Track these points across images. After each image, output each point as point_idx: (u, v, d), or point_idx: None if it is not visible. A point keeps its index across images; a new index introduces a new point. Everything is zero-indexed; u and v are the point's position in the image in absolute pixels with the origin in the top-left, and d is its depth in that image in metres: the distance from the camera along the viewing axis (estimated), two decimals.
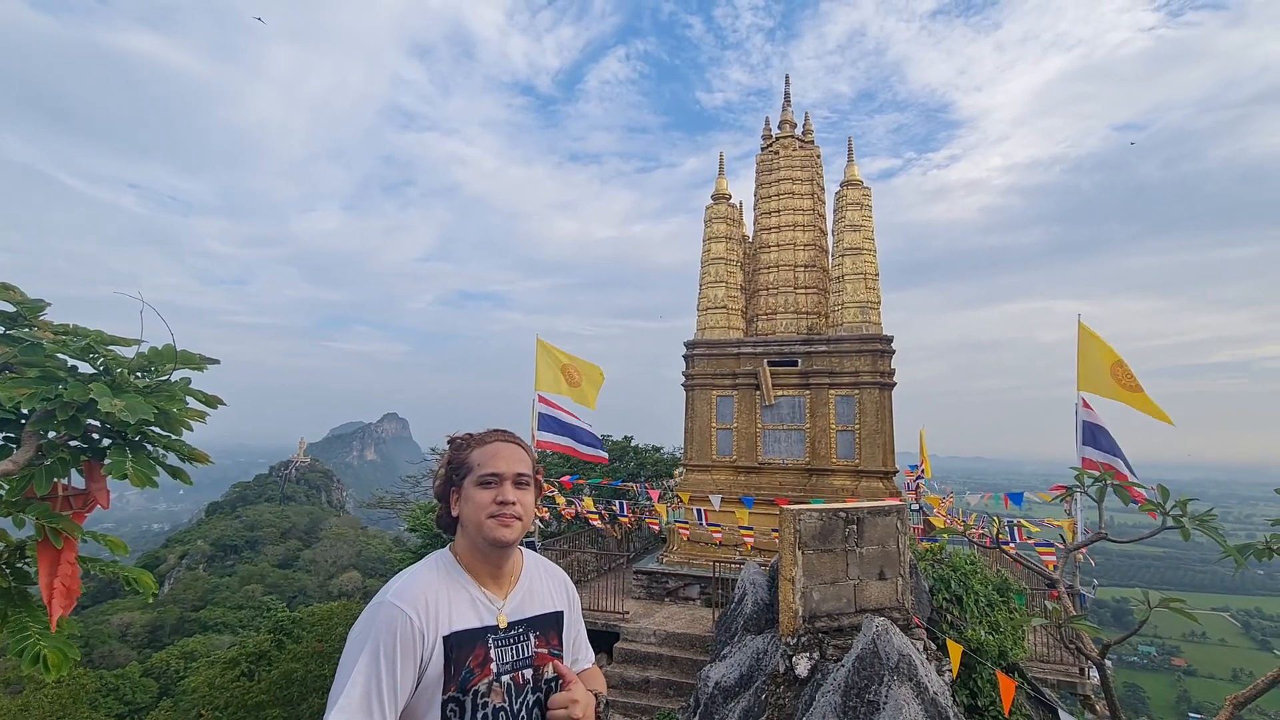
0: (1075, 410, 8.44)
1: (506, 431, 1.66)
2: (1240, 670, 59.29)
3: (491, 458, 1.55)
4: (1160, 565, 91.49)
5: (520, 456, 1.59)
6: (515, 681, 1.49)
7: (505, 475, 1.53)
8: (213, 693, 17.53)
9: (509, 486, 1.53)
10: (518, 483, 1.55)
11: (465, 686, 1.41)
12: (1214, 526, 4.26)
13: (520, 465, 1.57)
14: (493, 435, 1.63)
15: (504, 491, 1.52)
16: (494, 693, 1.45)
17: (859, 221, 12.68)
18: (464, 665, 1.42)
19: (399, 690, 1.36)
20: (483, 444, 1.59)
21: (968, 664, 5.32)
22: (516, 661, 1.50)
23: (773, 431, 12.61)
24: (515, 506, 1.52)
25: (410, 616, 1.40)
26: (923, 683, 3.81)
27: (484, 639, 1.47)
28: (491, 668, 1.45)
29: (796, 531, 4.83)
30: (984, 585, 6.20)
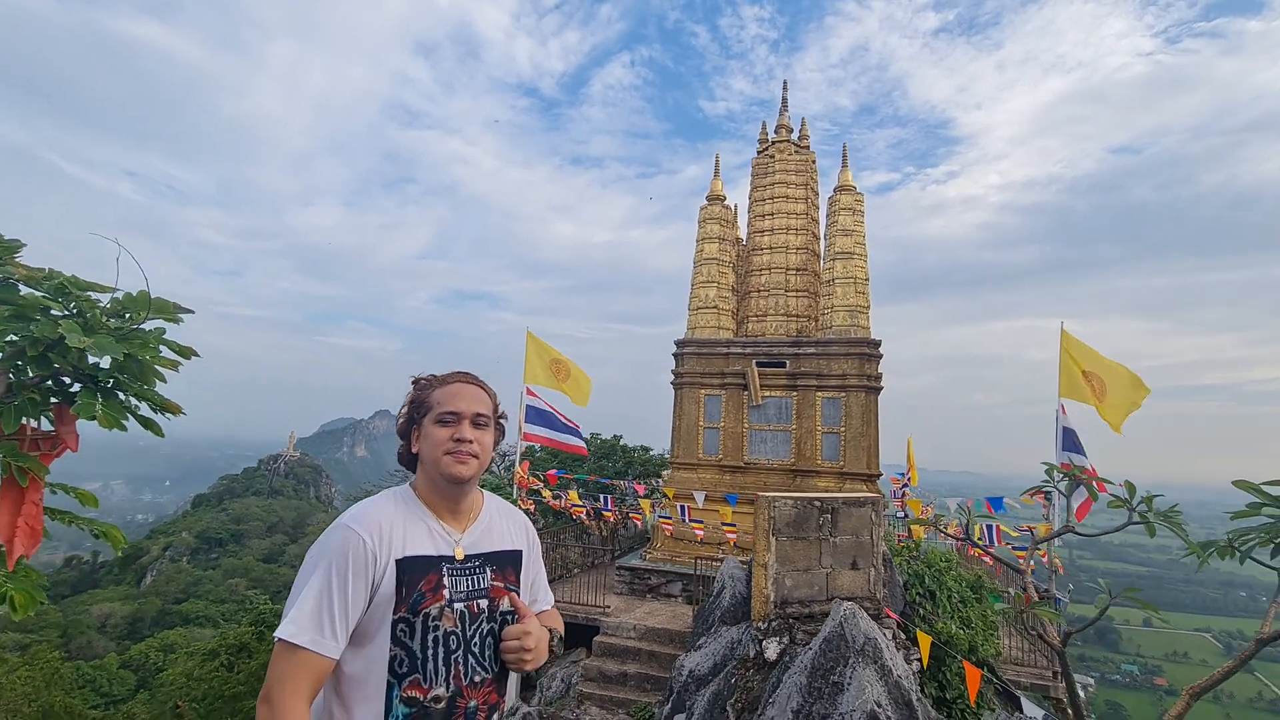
0: (1056, 416, 8.54)
1: (468, 373, 1.71)
2: (1220, 691, 59.53)
3: (451, 397, 1.59)
4: (1144, 583, 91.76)
5: (481, 397, 1.64)
6: (470, 610, 1.53)
7: (464, 414, 1.58)
8: (190, 684, 17.34)
9: (467, 425, 1.57)
10: (476, 422, 1.60)
11: (416, 608, 1.46)
12: (1178, 524, 4.33)
13: (479, 405, 1.62)
14: (454, 376, 1.67)
15: (461, 430, 1.56)
16: (445, 617, 1.49)
17: (851, 226, 12.79)
18: (416, 589, 1.47)
19: (350, 607, 1.41)
20: (444, 384, 1.64)
21: (938, 657, 5.37)
22: (471, 591, 1.55)
23: (759, 432, 12.66)
24: (472, 445, 1.57)
25: (364, 538, 1.45)
26: (887, 666, 3.86)
27: (438, 567, 1.52)
28: (444, 594, 1.49)
29: (771, 519, 4.88)
30: (957, 582, 6.26)
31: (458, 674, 1.47)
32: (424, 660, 1.45)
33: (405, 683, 1.43)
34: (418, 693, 1.43)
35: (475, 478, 1.60)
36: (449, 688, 1.46)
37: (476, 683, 1.50)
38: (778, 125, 14.37)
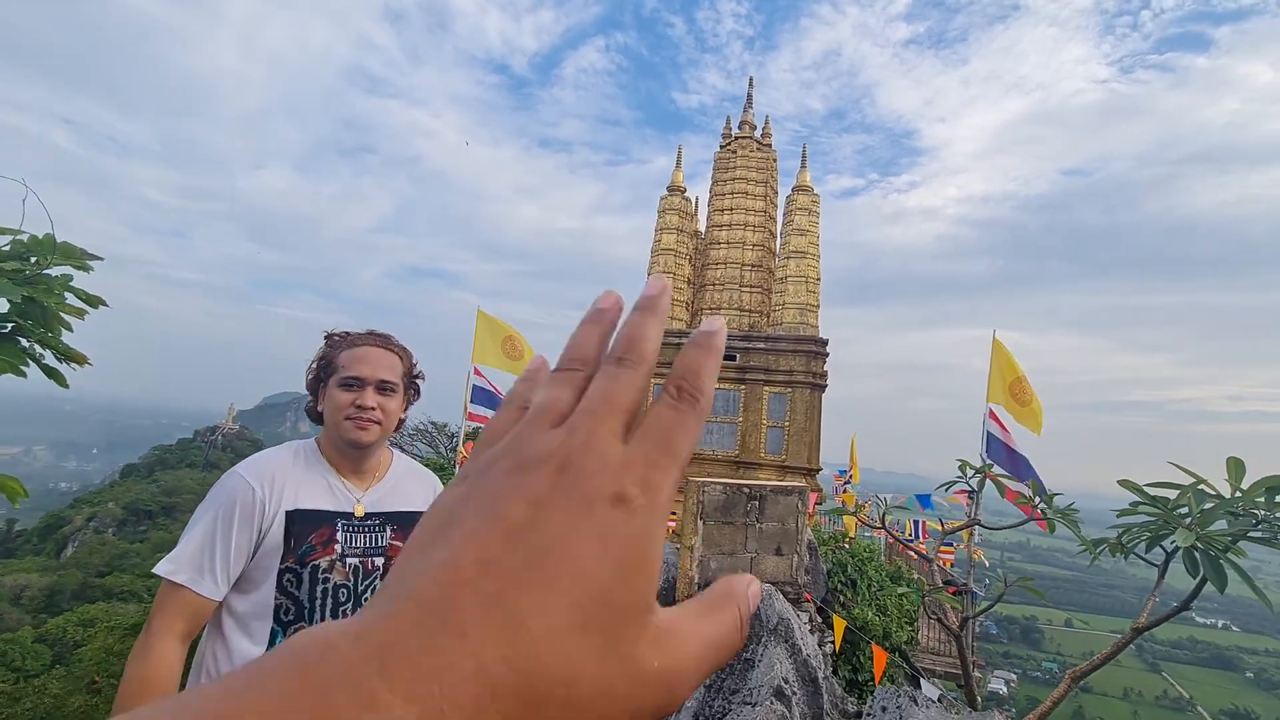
0: (983, 420, 8.95)
1: (379, 334, 1.69)
2: (1131, 689, 63.52)
3: (357, 361, 1.57)
4: (1068, 586, 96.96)
5: (388, 362, 1.61)
6: (364, 565, 1.54)
7: (368, 380, 1.56)
8: (109, 659, 16.71)
9: (370, 392, 1.56)
10: (381, 388, 1.58)
11: (303, 560, 1.47)
12: (1074, 521, 4.63)
13: (385, 371, 1.59)
14: (363, 338, 1.65)
15: (364, 396, 1.55)
16: (336, 570, 1.50)
17: (806, 226, 13.06)
18: (305, 541, 1.48)
19: (232, 553, 1.43)
20: (352, 345, 1.61)
21: (853, 641, 5.61)
22: (368, 548, 1.55)
23: (706, 424, 12.86)
24: (374, 411, 1.56)
25: (253, 487, 1.47)
26: (798, 645, 4.02)
27: (332, 521, 1.53)
28: (336, 548, 1.50)
29: (700, 502, 5.01)
30: (878, 572, 6.54)
31: None
32: (310, 610, 1.46)
33: (289, 630, 1.45)
34: None
35: (378, 442, 1.61)
36: None
37: None
38: (741, 121, 14.52)
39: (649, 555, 0.22)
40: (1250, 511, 3.29)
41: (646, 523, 0.22)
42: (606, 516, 0.21)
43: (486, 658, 0.19)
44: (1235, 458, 3.40)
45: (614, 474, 0.22)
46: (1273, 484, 3.21)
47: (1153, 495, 3.64)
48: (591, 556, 0.21)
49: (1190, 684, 66.04)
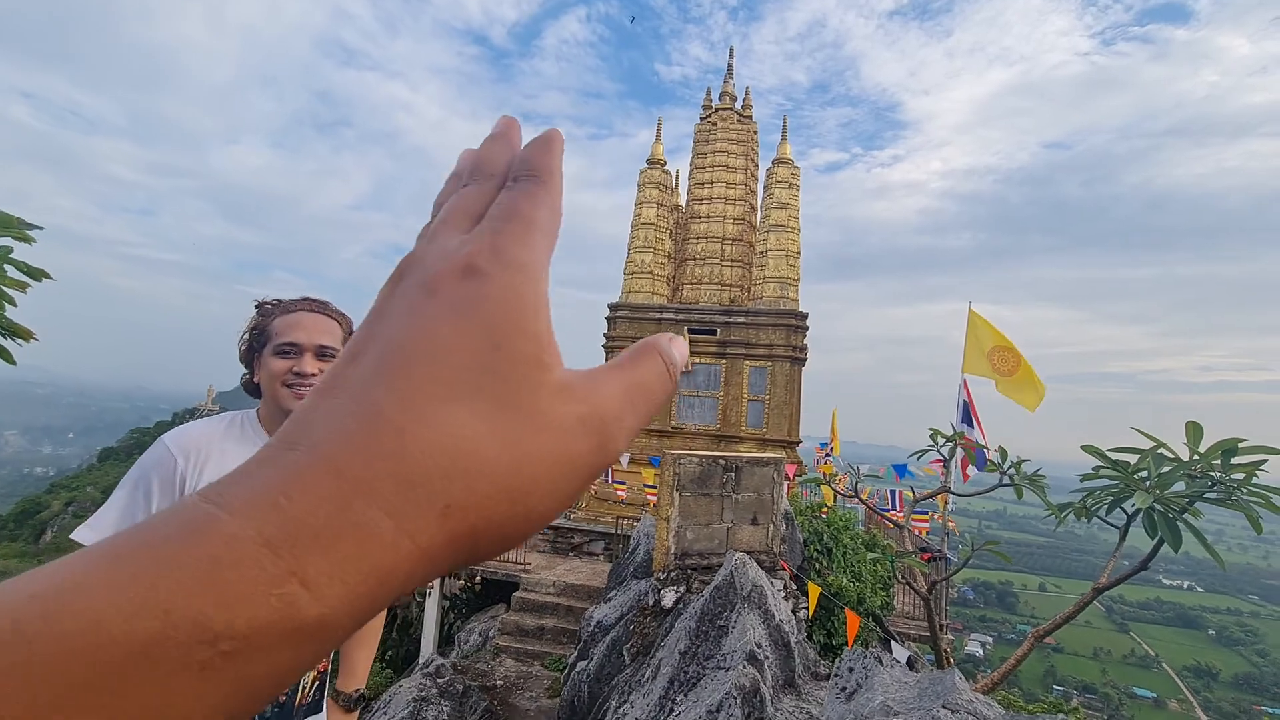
0: (957, 391, 9.08)
1: (316, 300, 1.62)
2: (1100, 649, 65.96)
3: (291, 327, 1.51)
4: (1042, 554, 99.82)
5: (325, 327, 1.55)
6: None
7: (305, 346, 1.50)
8: None
9: (309, 358, 1.50)
10: (320, 354, 1.52)
11: None
12: (1041, 487, 4.73)
13: (324, 337, 1.53)
14: (298, 303, 1.58)
15: (302, 363, 1.49)
16: None
17: (786, 200, 13.01)
18: None
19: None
20: (286, 312, 1.55)
21: (828, 607, 5.74)
22: None
23: (688, 398, 12.92)
24: (314, 378, 1.50)
25: (176, 459, 1.43)
26: (771, 611, 4.10)
27: None
28: None
29: (676, 474, 5.04)
30: (853, 540, 6.67)
31: None
32: None
33: None
34: None
35: None
36: None
37: None
38: (722, 92, 14.34)
39: (523, 316, 0.21)
40: (1206, 474, 3.38)
41: (508, 286, 0.22)
42: (455, 292, 0.21)
43: (362, 468, 0.18)
44: (1194, 422, 3.48)
45: (454, 257, 0.22)
46: (1228, 446, 3.29)
47: (1114, 460, 3.73)
48: (449, 332, 0.20)
49: (1156, 642, 68.73)
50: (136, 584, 0.15)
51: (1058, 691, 49.39)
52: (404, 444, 0.18)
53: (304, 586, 0.16)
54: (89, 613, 0.15)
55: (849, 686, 2.96)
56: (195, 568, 0.16)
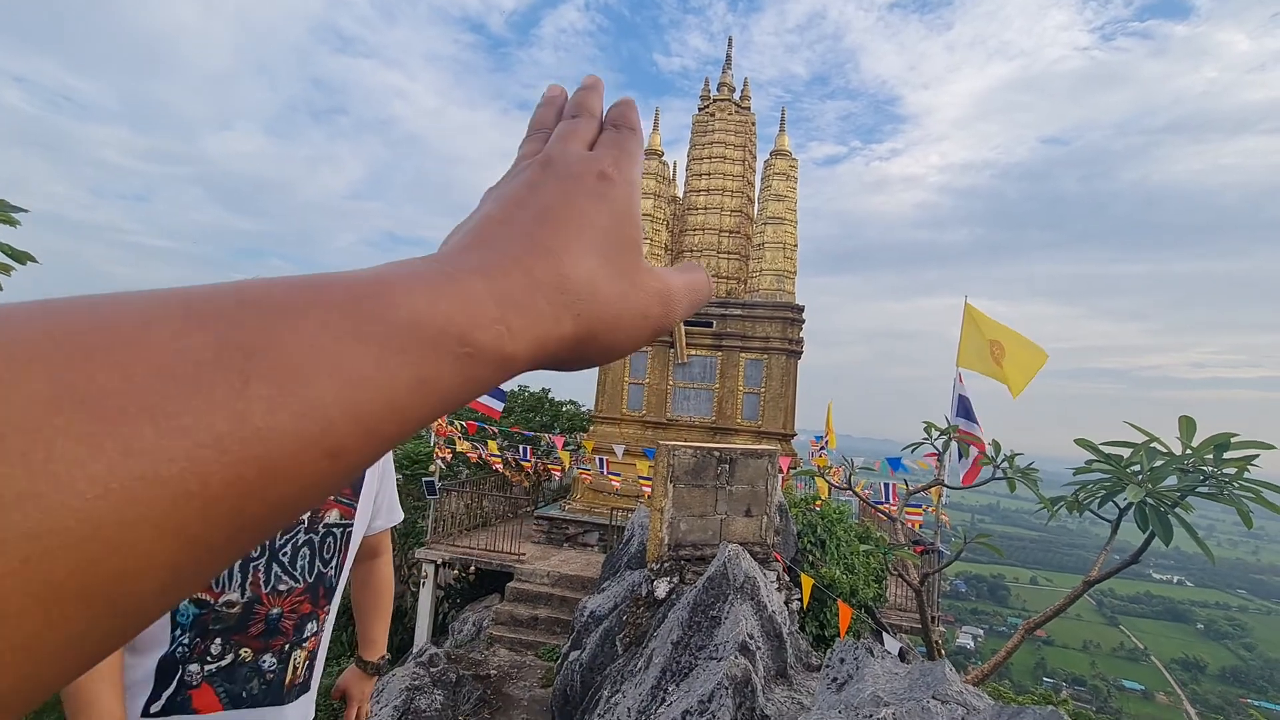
0: (952, 384, 9.09)
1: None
2: (1090, 642, 66.61)
3: None
4: (1034, 547, 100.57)
5: None
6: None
7: None
8: None
9: None
10: None
11: None
12: (1034, 480, 4.74)
13: None
14: None
15: None
16: None
17: (784, 191, 12.97)
18: None
19: None
20: None
21: (821, 599, 5.76)
22: None
23: (683, 389, 12.92)
24: None
25: None
26: (763, 601, 4.11)
27: None
28: None
29: (670, 466, 5.04)
30: (846, 532, 6.69)
31: (255, 581, 1.45)
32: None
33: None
34: (209, 595, 1.41)
35: None
36: (244, 594, 1.44)
37: (281, 591, 1.47)
38: (720, 83, 14.25)
39: (634, 213, 0.31)
40: (1199, 468, 3.39)
41: (626, 190, 0.31)
42: (594, 186, 0.30)
43: (540, 275, 0.26)
44: (1187, 416, 3.49)
45: (589, 161, 0.32)
46: (1220, 441, 3.30)
47: (1107, 454, 3.74)
48: (592, 209, 0.29)
49: (1145, 636, 69.41)
50: (427, 290, 0.23)
51: (1047, 683, 49.80)
52: (561, 265, 0.27)
53: (509, 332, 0.24)
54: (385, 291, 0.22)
55: (840, 677, 2.96)
56: (457, 297, 0.23)
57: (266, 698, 1.45)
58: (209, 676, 1.40)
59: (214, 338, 0.18)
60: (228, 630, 1.42)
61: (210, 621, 1.41)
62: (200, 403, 0.16)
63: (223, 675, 1.41)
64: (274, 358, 0.18)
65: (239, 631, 1.43)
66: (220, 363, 0.17)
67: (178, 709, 1.38)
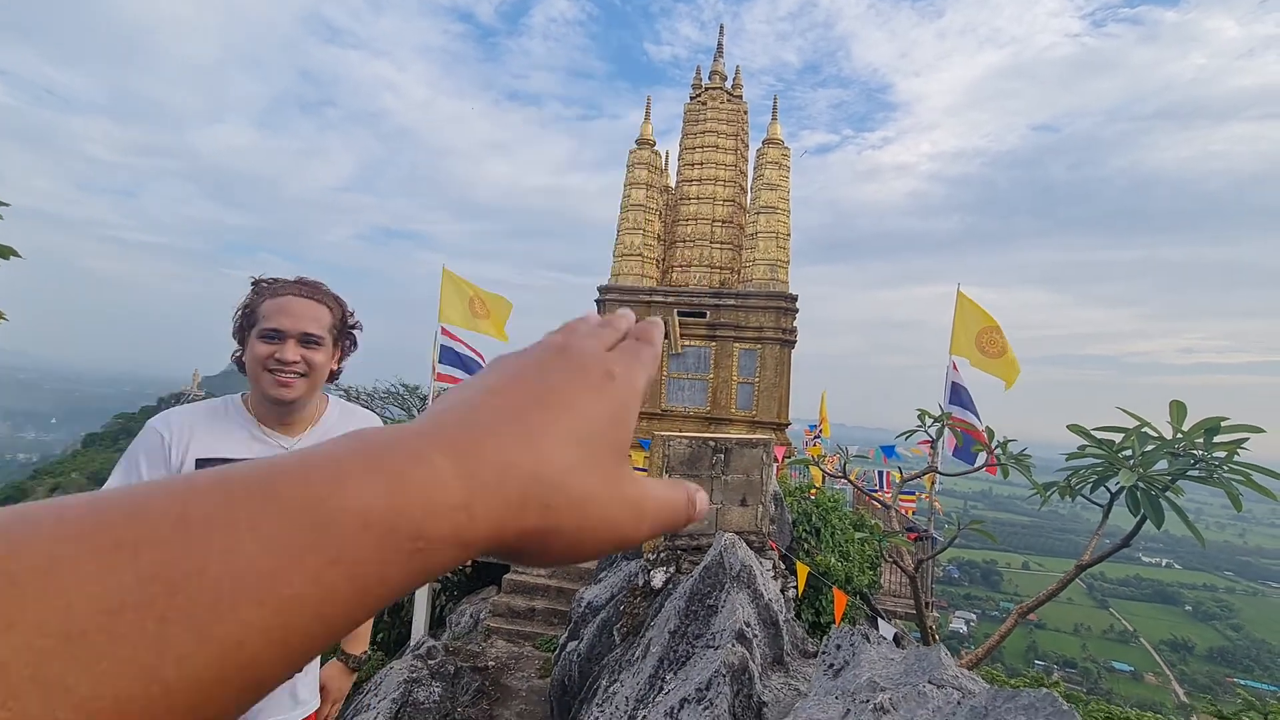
0: (946, 372, 9.15)
1: (308, 283, 1.59)
2: (1080, 624, 67.49)
3: (277, 312, 1.49)
4: (1026, 533, 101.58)
5: (314, 312, 1.53)
6: None
7: (289, 333, 1.49)
8: None
9: (291, 345, 1.49)
10: (305, 341, 1.50)
11: None
12: (1026, 466, 4.78)
13: (309, 323, 1.51)
14: (287, 286, 1.55)
15: (284, 350, 1.48)
16: None
17: (776, 181, 12.94)
18: None
19: None
20: (275, 295, 1.52)
21: (817, 587, 5.80)
22: None
23: (678, 380, 12.93)
24: (297, 364, 1.50)
25: (162, 435, 1.49)
26: (759, 590, 4.13)
27: None
28: None
29: (665, 456, 5.05)
30: (841, 520, 6.74)
31: None
32: None
33: None
34: None
35: (305, 397, 1.55)
36: None
37: None
38: (711, 71, 14.18)
39: (629, 418, 0.30)
40: (1189, 452, 3.42)
41: (627, 393, 0.31)
42: (599, 382, 0.30)
43: (518, 460, 0.25)
44: (1177, 400, 3.51)
45: (601, 359, 0.32)
46: (1210, 425, 3.33)
47: (1099, 439, 3.77)
48: (589, 403, 0.29)
49: (1135, 618, 70.39)
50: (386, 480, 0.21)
51: (1039, 666, 50.46)
52: (541, 453, 0.25)
53: (470, 519, 0.23)
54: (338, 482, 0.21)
55: (836, 663, 2.99)
56: (418, 485, 0.22)
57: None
58: None
59: (135, 577, 0.16)
60: None
61: None
62: (106, 665, 0.15)
63: None
64: (199, 590, 0.17)
65: None
66: (139, 605, 0.16)
67: None
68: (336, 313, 1.59)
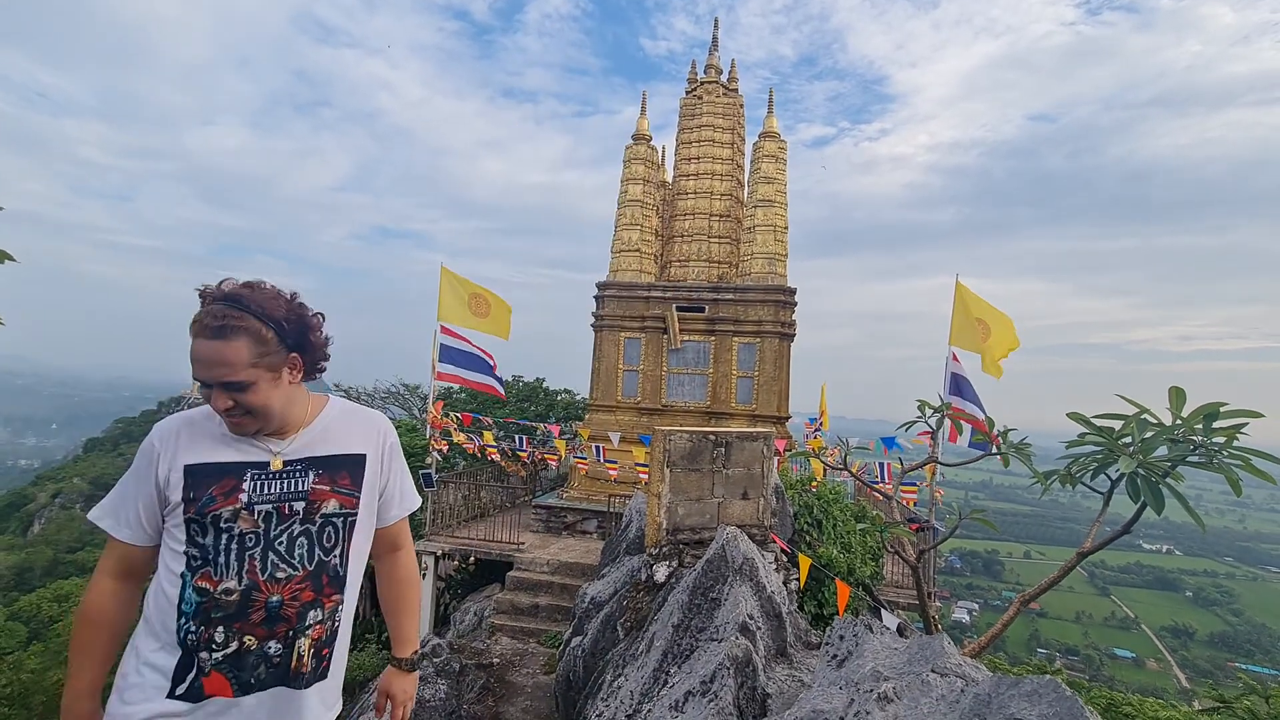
0: (945, 362, 9.15)
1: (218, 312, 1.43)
2: (1082, 612, 67.69)
3: (192, 360, 1.42)
4: (1028, 522, 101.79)
5: (222, 358, 1.41)
6: (280, 511, 1.51)
7: (210, 382, 1.43)
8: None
9: (219, 394, 1.44)
10: (229, 386, 1.42)
11: (203, 511, 1.47)
12: (1027, 455, 4.79)
13: (220, 372, 1.41)
14: (198, 324, 1.43)
15: (215, 401, 1.45)
16: (242, 519, 1.48)
17: (773, 174, 12.91)
18: (205, 493, 1.48)
19: (140, 505, 1.53)
20: (192, 333, 1.43)
21: (819, 579, 5.82)
22: (284, 494, 1.53)
23: (677, 375, 12.93)
24: (232, 410, 1.45)
25: (154, 443, 1.52)
26: (761, 582, 4.14)
27: (240, 472, 1.51)
28: (241, 498, 1.49)
29: (666, 450, 5.05)
30: (843, 512, 6.76)
31: (252, 569, 1.49)
32: (215, 555, 1.48)
33: (197, 575, 1.49)
34: (208, 584, 1.48)
35: (270, 421, 1.51)
36: (241, 581, 1.48)
37: (279, 578, 1.50)
38: (707, 65, 14.13)
39: None
40: (1189, 438, 3.43)
41: None
42: None
43: None
44: (1176, 387, 3.52)
45: None
46: (1210, 411, 3.33)
47: (1099, 426, 3.77)
48: None
49: (1136, 605, 70.63)
50: None
51: (1041, 654, 50.66)
52: None
53: None
54: None
55: (840, 654, 3.00)
56: None
57: (274, 680, 1.49)
58: (218, 664, 1.45)
59: None
60: (229, 618, 1.46)
61: (211, 609, 1.46)
62: None
63: (230, 663, 1.46)
64: None
65: (240, 619, 1.47)
66: None
67: (193, 696, 1.44)
68: (265, 334, 1.45)
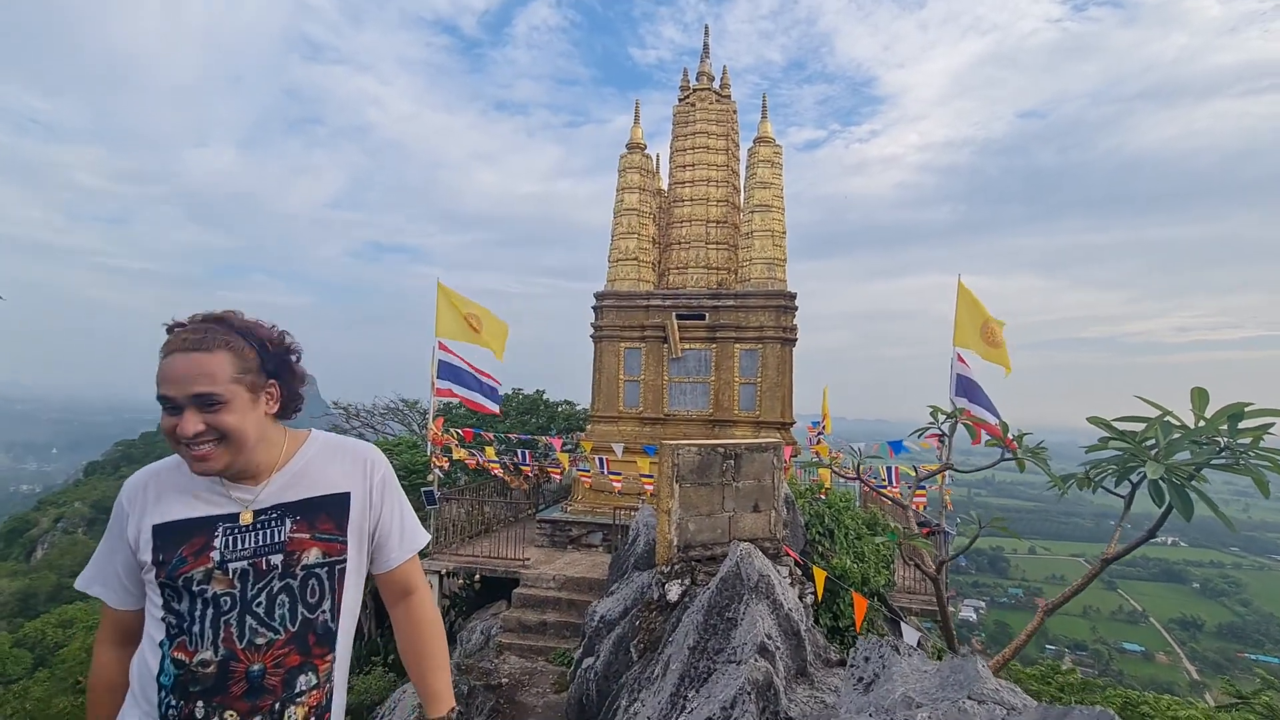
0: (950, 363, 9.07)
1: (198, 326, 1.35)
2: (1089, 607, 67.37)
3: (163, 376, 1.30)
4: (1031, 516, 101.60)
5: (201, 369, 1.30)
6: (256, 567, 1.37)
7: (179, 401, 1.30)
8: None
9: (189, 415, 1.29)
10: (202, 405, 1.30)
11: (174, 574, 1.34)
12: (1044, 459, 4.70)
13: (198, 384, 1.29)
14: (174, 339, 1.33)
15: (183, 424, 1.29)
16: (215, 580, 1.35)
17: (769, 179, 12.87)
18: (175, 554, 1.35)
19: (118, 565, 1.44)
20: (163, 353, 1.32)
21: (833, 590, 5.71)
22: (259, 548, 1.38)
23: (679, 384, 12.84)
24: (203, 435, 1.30)
25: (123, 503, 1.42)
26: (778, 600, 4.04)
27: (210, 528, 1.37)
28: (213, 556, 1.35)
29: (675, 465, 4.96)
30: (854, 520, 6.65)
31: (228, 637, 1.34)
32: (190, 623, 1.34)
33: (174, 644, 1.35)
34: (184, 655, 1.34)
35: (239, 458, 1.36)
36: (217, 652, 1.34)
37: (259, 645, 1.36)
38: (699, 72, 14.11)
39: None
40: (1213, 440, 3.34)
41: None
42: None
43: None
44: (1200, 388, 3.43)
45: None
46: (1234, 411, 3.24)
47: (1121, 430, 3.68)
48: None
49: (1143, 598, 70.40)
50: None
51: (1050, 651, 50.38)
52: None
53: None
54: None
55: (866, 677, 2.90)
56: None
57: None
58: None
59: None
60: (207, 692, 1.33)
61: (188, 683, 1.33)
62: None
63: None
64: None
65: (219, 693, 1.33)
66: None
67: None
68: (246, 353, 1.37)
